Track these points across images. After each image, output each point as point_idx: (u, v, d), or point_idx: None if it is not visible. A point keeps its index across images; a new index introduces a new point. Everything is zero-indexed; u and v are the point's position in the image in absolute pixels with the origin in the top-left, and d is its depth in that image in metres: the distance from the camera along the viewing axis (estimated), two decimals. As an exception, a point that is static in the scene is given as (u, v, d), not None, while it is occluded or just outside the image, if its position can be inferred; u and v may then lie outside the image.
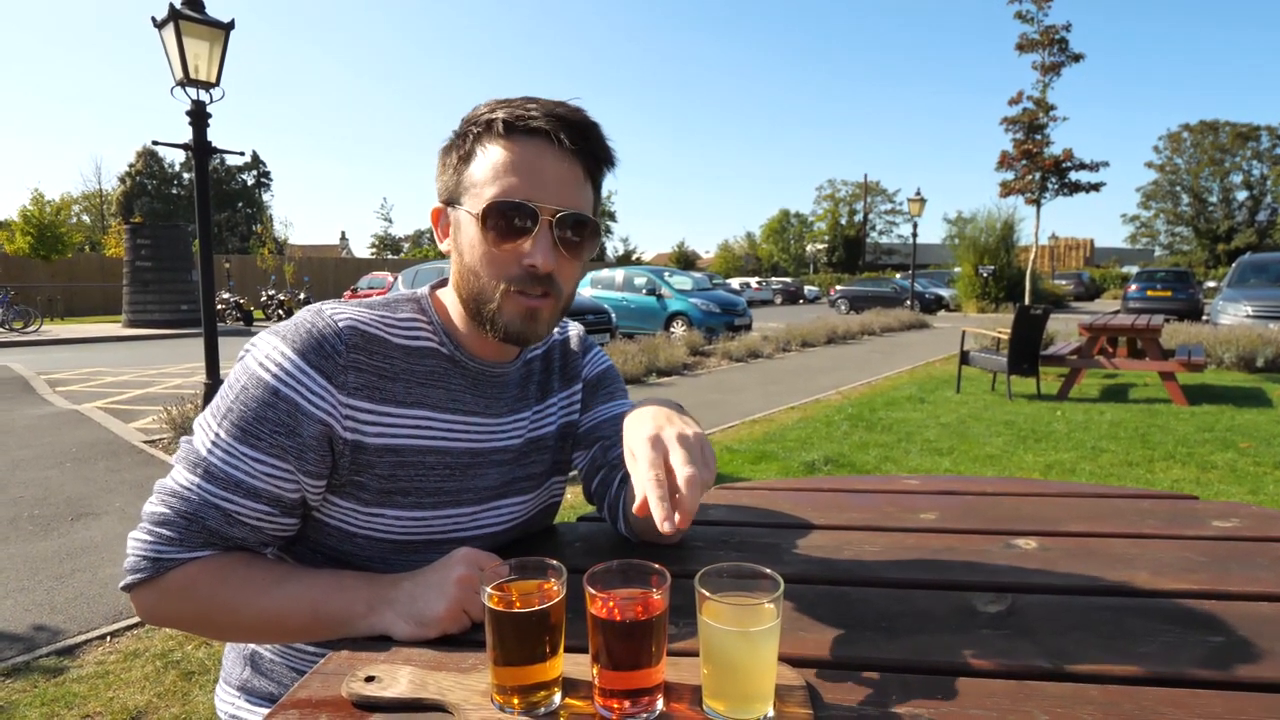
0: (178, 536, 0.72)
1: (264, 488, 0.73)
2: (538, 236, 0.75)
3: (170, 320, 15.68)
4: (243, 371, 0.75)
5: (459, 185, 0.78)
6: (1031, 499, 1.12)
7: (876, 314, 15.54)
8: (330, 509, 0.79)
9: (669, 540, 0.91)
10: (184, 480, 0.73)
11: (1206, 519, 1.00)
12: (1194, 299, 15.89)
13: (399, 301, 0.85)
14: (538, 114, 0.75)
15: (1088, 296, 30.23)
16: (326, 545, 0.81)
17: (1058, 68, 17.88)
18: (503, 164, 0.75)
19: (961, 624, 0.70)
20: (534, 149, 0.75)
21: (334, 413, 0.74)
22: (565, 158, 0.76)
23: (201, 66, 4.48)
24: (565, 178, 0.76)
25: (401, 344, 0.81)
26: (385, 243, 50.09)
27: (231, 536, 0.74)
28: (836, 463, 4.35)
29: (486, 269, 0.77)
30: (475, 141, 0.77)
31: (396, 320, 0.82)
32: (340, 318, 0.77)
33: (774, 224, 55.54)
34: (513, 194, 0.74)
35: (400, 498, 0.79)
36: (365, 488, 0.78)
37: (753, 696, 0.54)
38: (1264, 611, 0.71)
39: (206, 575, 0.73)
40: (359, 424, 0.76)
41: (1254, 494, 3.67)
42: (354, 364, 0.76)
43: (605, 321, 10.08)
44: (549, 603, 0.56)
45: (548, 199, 0.75)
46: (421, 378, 0.81)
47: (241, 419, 0.72)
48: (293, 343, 0.74)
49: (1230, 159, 45.90)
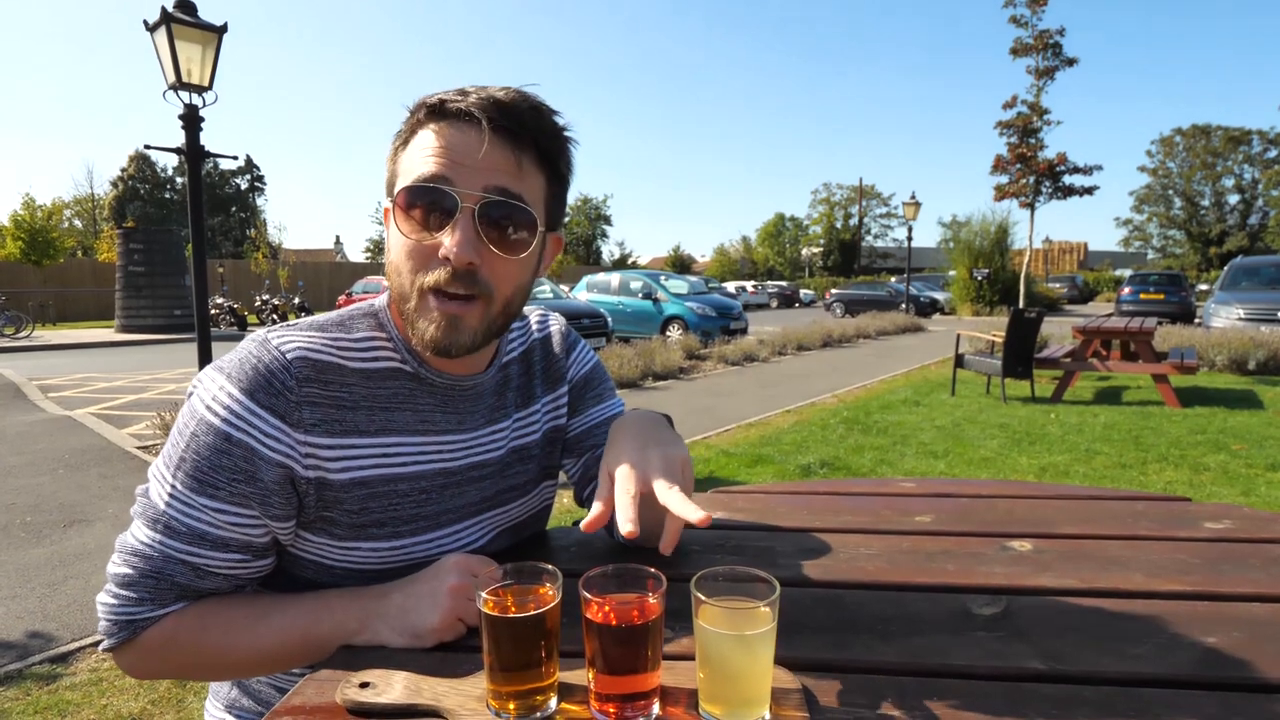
0: (147, 596, 0.68)
1: (232, 537, 0.69)
2: (456, 225, 0.67)
3: (163, 325, 15.61)
4: (190, 415, 0.69)
5: (392, 176, 0.73)
6: (1026, 501, 1.12)
7: (872, 317, 15.58)
8: (304, 545, 0.75)
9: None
10: (144, 538, 0.69)
11: (1199, 521, 1.00)
12: (1186, 302, 16.02)
13: (355, 319, 0.78)
14: (470, 97, 0.69)
15: (1081, 300, 30.39)
16: (304, 578, 0.78)
17: (1051, 72, 17.98)
18: (427, 149, 0.69)
19: (957, 626, 0.70)
20: (459, 132, 0.68)
21: (292, 453, 0.69)
22: (496, 142, 0.68)
23: (194, 70, 4.47)
24: (495, 163, 0.69)
25: (359, 368, 0.74)
26: (380, 247, 50.09)
27: (203, 589, 0.71)
28: (832, 466, 4.36)
29: (404, 263, 0.70)
30: (410, 130, 0.72)
31: (352, 342, 0.75)
32: (289, 348, 0.70)
33: (770, 228, 55.72)
34: (430, 178, 0.68)
35: (375, 529, 0.75)
36: (336, 523, 0.73)
37: (749, 700, 0.54)
38: (1257, 612, 0.72)
39: (185, 626, 0.70)
40: (320, 460, 0.71)
41: (1246, 496, 3.69)
42: (308, 398, 0.70)
43: (601, 325, 10.09)
44: (544, 608, 0.56)
45: (470, 184, 0.68)
46: (385, 402, 0.75)
47: (196, 469, 0.67)
48: (239, 381, 0.68)
49: (1222, 163, 46.25)
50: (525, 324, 0.95)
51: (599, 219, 54.20)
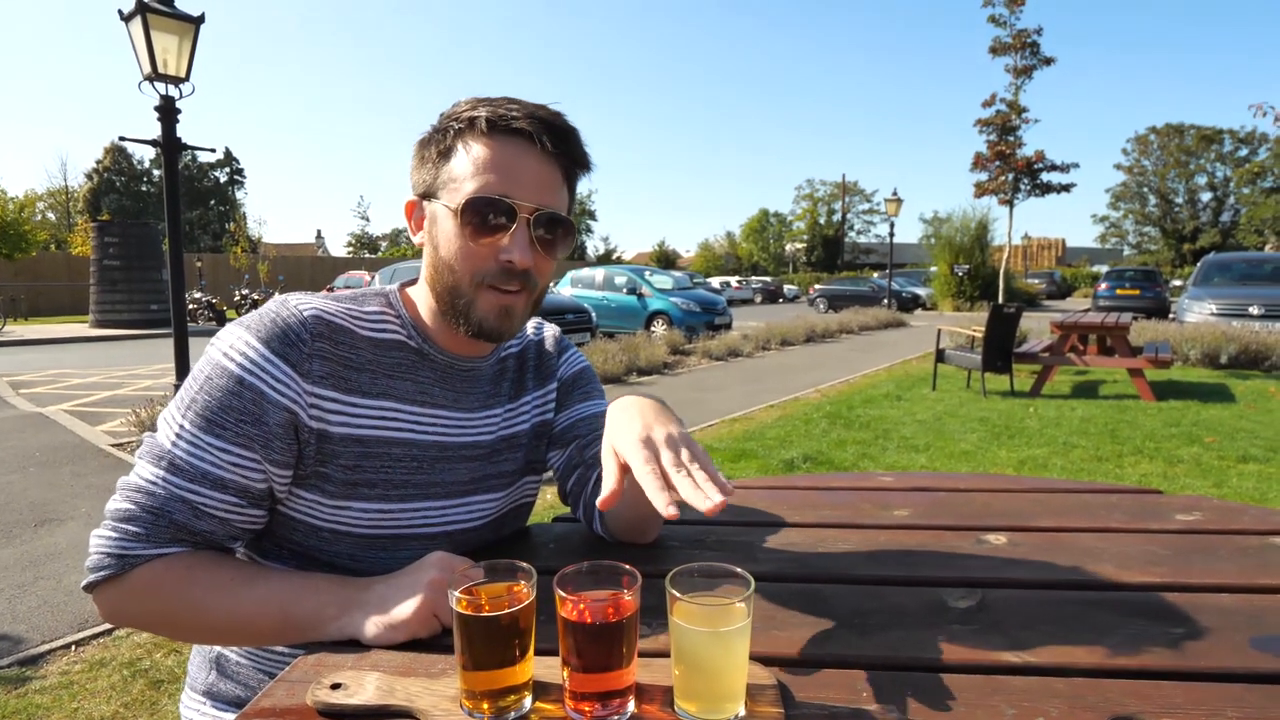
0: (144, 532, 0.70)
1: (231, 478, 0.72)
2: (515, 233, 0.76)
3: (139, 320, 15.30)
4: (207, 362, 0.74)
5: (437, 179, 0.79)
6: (1002, 495, 1.14)
7: (855, 313, 15.70)
8: (296, 502, 0.78)
9: (645, 539, 0.91)
10: (148, 474, 0.72)
11: (1170, 513, 1.02)
12: (1161, 297, 16.31)
13: (367, 296, 0.85)
14: (520, 115, 0.76)
15: (1059, 295, 30.83)
16: (293, 540, 0.80)
17: (1029, 71, 18.18)
18: (484, 161, 0.76)
19: (933, 619, 0.70)
20: (515, 149, 0.77)
21: (299, 400, 0.74)
22: (545, 159, 0.78)
23: (171, 61, 4.38)
24: (544, 178, 0.78)
25: (368, 335, 0.81)
26: (362, 241, 49.56)
27: (199, 530, 0.73)
28: (815, 460, 4.39)
29: (462, 263, 0.78)
30: (456, 138, 0.78)
31: (363, 313, 0.82)
32: (305, 308, 0.77)
33: (754, 223, 55.87)
34: (492, 191, 0.75)
35: (366, 489, 0.79)
36: (330, 479, 0.77)
37: (724, 696, 0.54)
38: (1224, 602, 0.73)
39: (173, 574, 0.71)
40: (324, 412, 0.76)
41: (1218, 487, 3.77)
42: (319, 352, 0.76)
43: (585, 321, 10.06)
44: (518, 606, 0.55)
45: (526, 197, 0.76)
46: (388, 369, 0.81)
47: (206, 409, 0.72)
48: (257, 332, 0.74)
49: (1195, 161, 47.09)
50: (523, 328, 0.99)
51: (583, 214, 54.06)
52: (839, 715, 0.55)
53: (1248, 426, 5.08)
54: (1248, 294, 9.55)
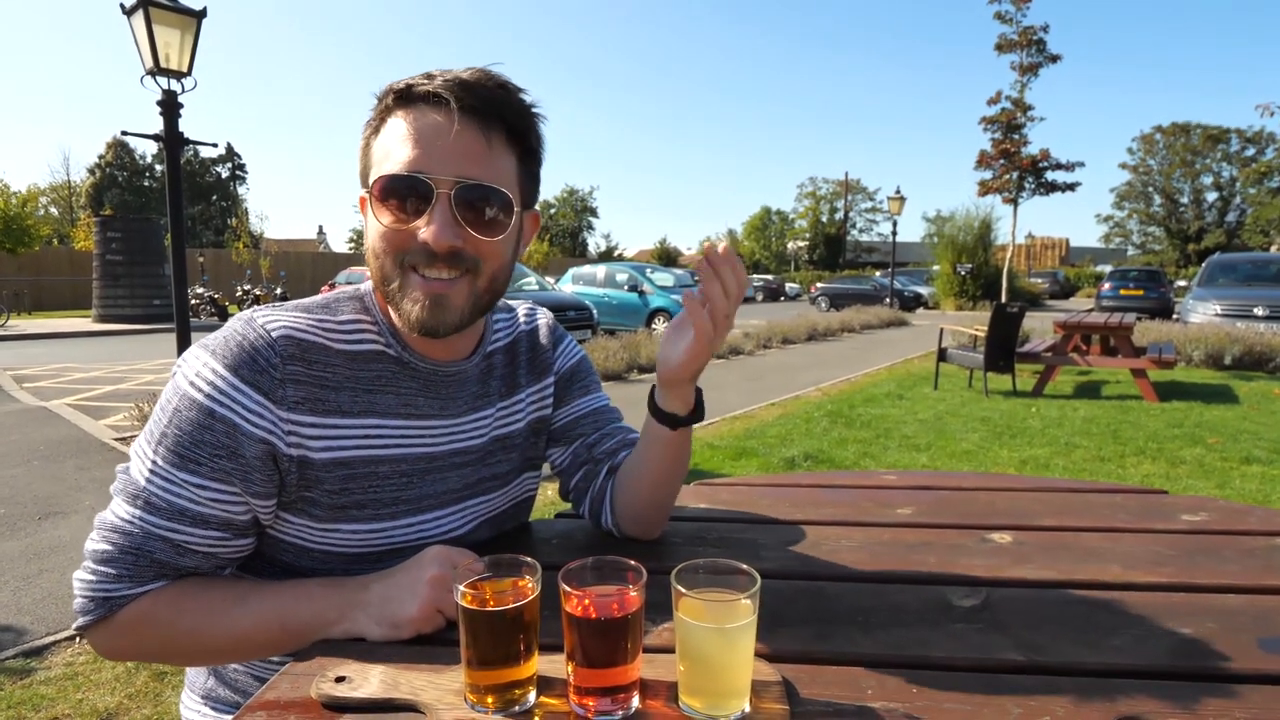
0: (125, 573, 0.68)
1: (212, 514, 0.69)
2: (433, 211, 0.69)
3: (142, 315, 15.33)
4: (174, 392, 0.69)
5: (366, 165, 0.74)
6: (1006, 493, 1.13)
7: (856, 311, 15.66)
8: (284, 526, 0.75)
9: (650, 535, 0.91)
10: (124, 514, 0.68)
11: (1176, 513, 1.02)
12: (1165, 298, 16.25)
13: (340, 302, 0.79)
14: (435, 80, 0.69)
15: (1063, 295, 30.75)
16: (283, 561, 0.78)
17: (1035, 68, 18.10)
18: (398, 136, 0.70)
19: (936, 618, 0.70)
20: (428, 117, 0.69)
21: (274, 430, 0.69)
22: (465, 124, 0.69)
23: (173, 55, 4.38)
24: (466, 147, 0.69)
25: (343, 349, 0.75)
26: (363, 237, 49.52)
27: (183, 566, 0.70)
28: (816, 459, 4.38)
29: (382, 244, 0.72)
30: (379, 118, 0.73)
31: (337, 324, 0.76)
32: (274, 327, 0.71)
33: (756, 221, 55.80)
34: (405, 167, 0.69)
35: (355, 511, 0.75)
36: (316, 504, 0.74)
37: (729, 693, 0.54)
38: (1231, 603, 0.73)
39: (162, 606, 0.69)
40: (302, 439, 0.71)
41: (1221, 488, 3.76)
42: (292, 376, 0.70)
43: (587, 318, 10.05)
44: (523, 601, 0.55)
45: (443, 170, 0.69)
46: (368, 384, 0.76)
47: (178, 444, 0.67)
48: (223, 358, 0.69)
49: (1201, 161, 46.87)
50: (513, 316, 0.95)
51: (585, 211, 53.99)
52: (844, 712, 0.55)
53: (1251, 428, 5.07)
54: (1253, 295, 9.51)
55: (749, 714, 0.54)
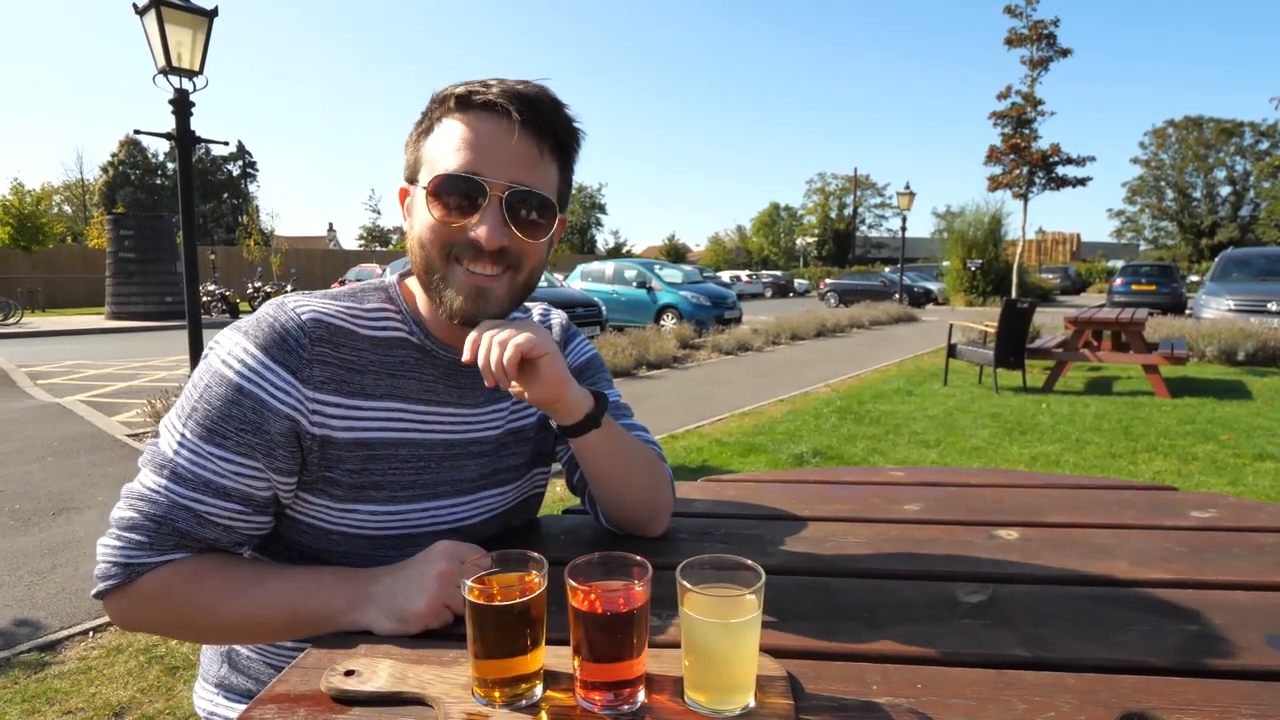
0: (148, 540, 0.70)
1: (234, 487, 0.72)
2: (485, 211, 0.74)
3: (154, 312, 15.48)
4: (206, 370, 0.73)
5: (417, 161, 0.78)
6: (1014, 490, 1.13)
7: (865, 307, 15.58)
8: (303, 506, 0.78)
9: (651, 532, 0.91)
10: (151, 483, 0.72)
11: (1185, 510, 1.01)
12: (1177, 293, 16.07)
13: (366, 291, 0.84)
14: (495, 89, 0.74)
15: (1074, 290, 30.46)
16: (301, 543, 0.80)
17: (1046, 62, 17.94)
18: (456, 139, 0.74)
19: (943, 614, 0.70)
20: (487, 125, 0.74)
21: (300, 408, 0.73)
22: (521, 135, 0.74)
23: (184, 54, 4.41)
24: (520, 155, 0.74)
25: (369, 335, 0.79)
26: (373, 234, 49.62)
27: (204, 537, 0.72)
28: (825, 455, 4.37)
29: (431, 236, 0.76)
30: (433, 118, 0.77)
31: (364, 311, 0.81)
32: (303, 310, 0.76)
33: (764, 217, 55.63)
34: (462, 168, 0.73)
35: (374, 492, 0.78)
36: (337, 483, 0.76)
37: (734, 687, 0.54)
38: (1240, 600, 0.72)
39: (181, 578, 0.71)
40: (326, 418, 0.75)
41: (1234, 485, 3.72)
42: (319, 357, 0.74)
43: (595, 314, 10.07)
44: (530, 595, 0.56)
45: (498, 174, 0.73)
46: (391, 369, 0.80)
47: (207, 418, 0.71)
48: (255, 338, 0.73)
49: (1214, 155, 46.32)
50: (528, 316, 0.98)
51: (594, 207, 53.93)
52: (849, 707, 0.55)
53: (1265, 424, 5.01)
54: (1267, 290, 9.39)
55: (754, 709, 0.54)
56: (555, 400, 0.76)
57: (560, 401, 0.77)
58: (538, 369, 0.73)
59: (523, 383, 0.74)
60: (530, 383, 0.74)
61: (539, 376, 0.73)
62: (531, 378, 0.74)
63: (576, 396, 0.78)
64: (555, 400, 0.76)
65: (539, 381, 0.74)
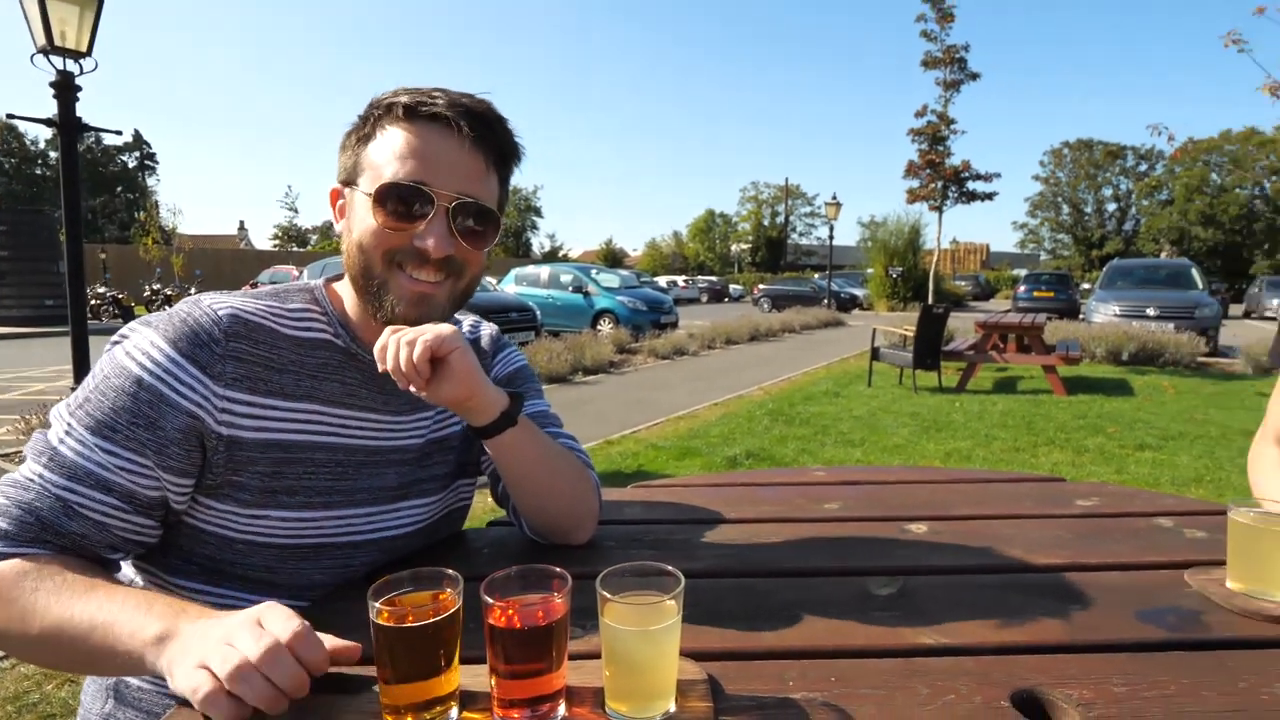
0: (8, 528, 0.65)
1: (117, 482, 0.68)
2: (432, 221, 0.74)
3: (31, 317, 14.10)
4: (108, 361, 0.71)
5: (356, 166, 0.77)
6: (925, 486, 1.19)
7: (797, 312, 16.08)
8: (206, 513, 0.74)
9: (577, 540, 0.91)
10: (28, 471, 0.68)
11: (1073, 499, 1.09)
12: (1072, 299, 17.42)
13: (290, 292, 0.82)
14: (441, 101, 0.75)
15: (984, 296, 32.44)
16: (204, 555, 0.76)
17: (958, 84, 19.03)
18: (402, 147, 0.74)
19: (858, 608, 0.73)
20: (435, 135, 0.75)
21: (206, 405, 0.70)
22: (467, 147, 0.75)
23: (69, 33, 4.05)
24: (467, 167, 0.76)
25: (291, 334, 0.78)
26: (290, 234, 47.16)
27: (68, 531, 0.67)
28: (758, 457, 4.47)
29: (373, 241, 0.75)
30: (376, 124, 0.76)
31: (286, 311, 0.79)
32: (220, 307, 0.74)
33: (700, 223, 56.43)
34: (410, 177, 0.73)
35: (286, 497, 0.76)
36: (245, 487, 0.74)
37: (655, 694, 0.55)
38: (1115, 580, 0.79)
39: (25, 576, 0.63)
40: (236, 417, 0.72)
41: (1118, 473, 4.05)
42: (234, 353, 0.72)
43: (530, 319, 9.93)
44: (444, 614, 0.54)
45: (446, 185, 0.74)
46: (313, 370, 0.78)
47: (98, 409, 0.68)
48: (164, 332, 0.71)
49: (1102, 174, 50.50)
50: (458, 326, 0.96)
51: (529, 210, 53.30)
52: (766, 705, 0.57)
53: (1144, 417, 5.49)
54: (1146, 297, 10.31)
55: (674, 714, 0.55)
56: (468, 398, 0.75)
57: (473, 399, 0.76)
58: (448, 365, 0.72)
59: (434, 381, 0.72)
60: (441, 380, 0.72)
61: (450, 373, 0.72)
62: (442, 375, 0.72)
63: (490, 394, 0.78)
64: (468, 398, 0.75)
65: (450, 379, 0.73)
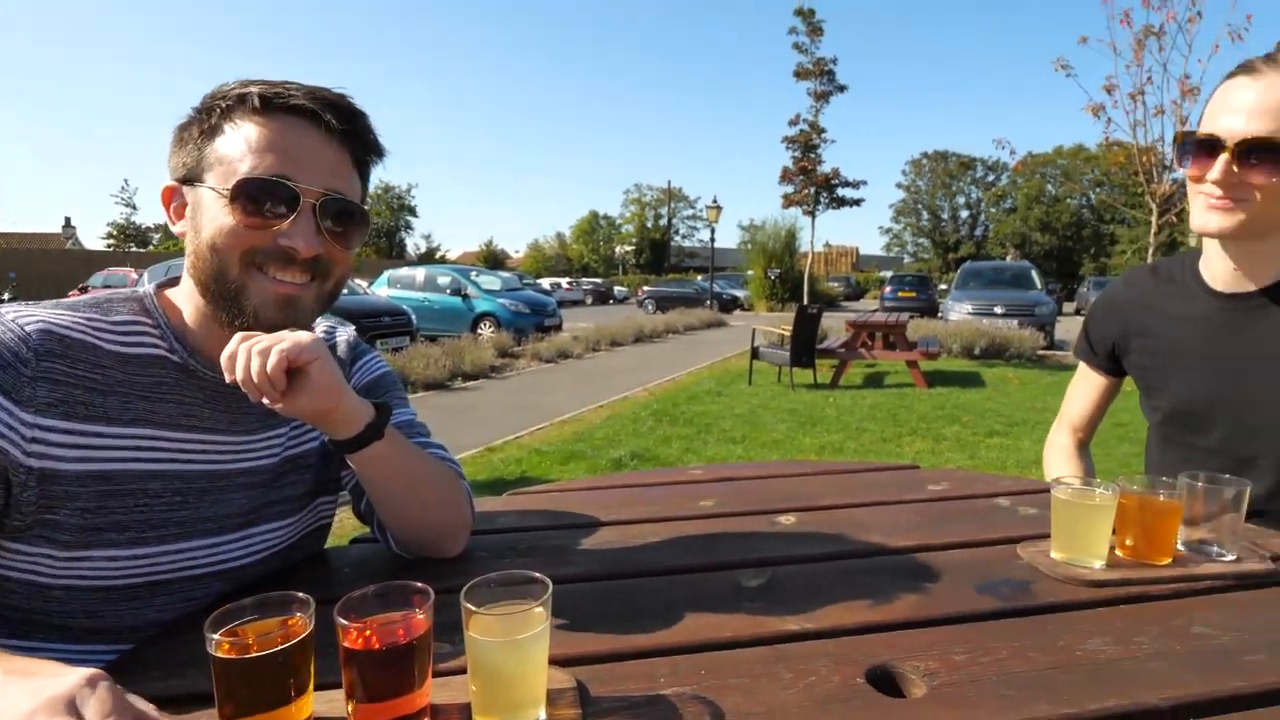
0: None
1: None
2: (298, 219, 0.69)
3: None
4: None
5: (201, 162, 0.71)
6: (795, 479, 1.26)
7: (680, 313, 16.51)
8: (12, 559, 0.65)
9: (448, 553, 0.87)
10: None
11: (925, 485, 1.19)
12: (932, 299, 19.14)
13: (114, 302, 0.74)
14: (299, 93, 0.70)
15: (855, 297, 34.91)
16: (9, 605, 0.66)
17: (827, 95, 20.37)
18: (259, 141, 0.69)
19: (729, 601, 0.76)
20: (295, 129, 0.70)
21: (11, 436, 0.62)
22: (330, 142, 0.72)
23: None
24: (332, 161, 0.72)
25: (116, 351, 0.70)
26: (127, 233, 42.01)
27: None
28: (643, 457, 4.54)
29: (230, 242, 0.69)
30: (223, 117, 0.70)
31: (110, 324, 0.71)
32: (28, 321, 0.66)
33: (584, 225, 56.50)
34: (270, 172, 0.68)
35: (113, 534, 0.68)
36: (62, 527, 0.66)
37: (523, 704, 0.53)
38: (957, 558, 0.87)
39: None
40: (50, 447, 0.64)
41: (971, 459, 4.50)
42: (46, 374, 0.64)
43: (405, 323, 9.48)
44: (292, 641, 0.50)
45: (311, 180, 0.70)
46: (144, 390, 0.71)
47: None
48: None
49: (956, 183, 56.18)
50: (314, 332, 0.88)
51: (403, 209, 51.00)
52: (637, 704, 0.57)
53: (994, 407, 6.13)
54: (994, 296, 11.53)
55: (544, 723, 0.54)
56: (330, 410, 0.69)
57: (335, 411, 0.70)
58: (307, 376, 0.66)
59: (291, 393, 0.66)
60: (299, 393, 0.66)
61: (309, 385, 0.66)
62: (301, 387, 0.66)
63: (354, 406, 0.72)
64: (330, 410, 0.69)
65: (309, 390, 0.66)
